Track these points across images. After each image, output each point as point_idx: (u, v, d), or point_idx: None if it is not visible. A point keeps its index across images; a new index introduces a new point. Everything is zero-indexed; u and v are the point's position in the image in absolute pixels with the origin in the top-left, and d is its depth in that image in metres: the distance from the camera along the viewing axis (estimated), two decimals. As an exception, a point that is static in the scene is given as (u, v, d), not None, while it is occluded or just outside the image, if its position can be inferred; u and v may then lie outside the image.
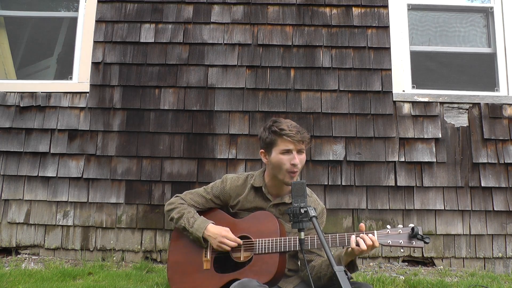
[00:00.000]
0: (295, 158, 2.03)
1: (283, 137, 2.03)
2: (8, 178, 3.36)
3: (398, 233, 1.87)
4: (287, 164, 2.03)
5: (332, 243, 1.92)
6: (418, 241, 1.84)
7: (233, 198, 2.23)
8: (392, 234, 1.87)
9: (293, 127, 2.05)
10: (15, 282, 2.64)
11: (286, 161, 2.03)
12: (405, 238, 1.86)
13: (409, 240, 1.85)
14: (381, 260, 3.31)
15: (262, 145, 2.16)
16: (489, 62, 3.65)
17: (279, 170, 2.07)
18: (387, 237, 1.88)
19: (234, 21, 3.54)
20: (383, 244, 1.87)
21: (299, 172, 2.09)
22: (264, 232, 2.03)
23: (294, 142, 2.02)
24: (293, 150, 2.04)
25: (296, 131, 2.03)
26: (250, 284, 1.76)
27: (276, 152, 2.06)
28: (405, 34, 3.57)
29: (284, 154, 2.05)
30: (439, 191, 3.36)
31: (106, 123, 3.41)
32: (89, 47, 3.50)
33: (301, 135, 2.04)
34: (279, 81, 3.46)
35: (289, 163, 2.03)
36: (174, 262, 2.21)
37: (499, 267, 3.32)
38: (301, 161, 2.06)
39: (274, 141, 2.06)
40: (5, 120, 3.40)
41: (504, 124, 3.44)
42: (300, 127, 2.09)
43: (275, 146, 2.06)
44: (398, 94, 3.46)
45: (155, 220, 3.32)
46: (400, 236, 1.87)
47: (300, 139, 2.03)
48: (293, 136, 2.02)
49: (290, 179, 2.05)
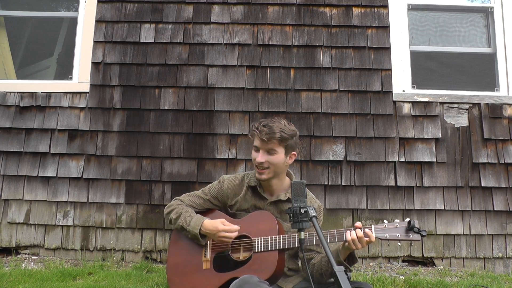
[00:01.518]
0: (258, 157, 2.10)
1: (253, 133, 2.12)
2: (8, 178, 3.36)
3: (395, 227, 1.90)
4: (254, 160, 2.13)
5: (330, 239, 1.94)
6: (415, 234, 1.87)
7: (231, 198, 2.25)
8: (389, 228, 1.91)
9: (263, 125, 2.08)
10: (15, 282, 2.64)
11: (254, 157, 2.13)
12: (402, 232, 1.89)
13: (406, 233, 1.88)
14: (381, 260, 3.31)
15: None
16: (489, 62, 3.65)
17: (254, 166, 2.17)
18: (384, 231, 1.90)
19: (234, 21, 3.54)
20: (380, 238, 1.89)
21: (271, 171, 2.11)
22: (263, 231, 2.04)
23: (259, 140, 2.09)
24: (260, 148, 2.10)
25: (261, 128, 2.07)
26: (251, 280, 1.77)
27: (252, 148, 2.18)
28: (405, 34, 3.57)
29: (254, 151, 2.15)
30: (439, 191, 3.36)
31: (106, 123, 3.41)
32: (89, 47, 3.51)
33: (268, 134, 2.05)
34: (279, 81, 3.46)
35: (255, 160, 2.12)
36: (173, 263, 2.22)
37: (499, 267, 3.32)
38: (269, 161, 2.09)
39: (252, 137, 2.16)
40: (5, 120, 3.40)
41: (504, 124, 3.44)
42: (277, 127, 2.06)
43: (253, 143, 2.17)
44: (398, 94, 3.46)
45: (155, 220, 3.32)
46: (397, 230, 1.89)
47: (264, 138, 2.05)
48: (254, 134, 2.10)
49: (259, 175, 2.13)
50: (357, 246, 1.87)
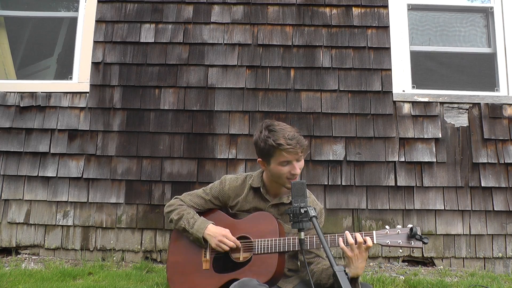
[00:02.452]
0: (295, 168, 2.01)
1: (282, 152, 1.96)
2: (8, 178, 3.36)
3: (397, 233, 1.87)
4: (287, 174, 2.02)
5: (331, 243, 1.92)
6: (416, 241, 1.84)
7: (232, 199, 2.24)
8: (390, 234, 1.88)
9: (290, 138, 1.96)
10: (15, 282, 2.64)
11: (286, 171, 2.01)
12: (404, 238, 1.86)
13: (408, 240, 1.85)
14: (381, 260, 3.31)
15: (258, 153, 2.10)
16: (489, 62, 3.65)
17: (278, 178, 2.06)
18: (385, 237, 1.88)
19: (234, 21, 3.54)
20: (382, 244, 1.87)
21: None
22: (263, 233, 2.03)
23: (296, 154, 1.98)
24: (292, 161, 2.00)
25: (295, 143, 1.95)
26: (250, 284, 1.76)
27: (275, 163, 2.02)
28: (405, 34, 3.57)
29: (284, 166, 2.01)
30: (439, 191, 3.36)
31: (106, 123, 3.41)
32: (89, 47, 3.50)
33: (300, 146, 1.97)
34: (279, 81, 3.46)
35: (289, 173, 2.01)
36: (173, 262, 2.21)
37: (499, 267, 3.32)
38: (300, 167, 2.05)
39: (272, 153, 2.00)
40: (5, 120, 3.40)
41: (504, 124, 3.44)
42: (297, 134, 2.00)
43: (273, 157, 2.01)
44: (398, 94, 3.46)
45: (155, 220, 3.32)
46: (399, 236, 1.87)
47: (299, 151, 1.98)
48: (292, 151, 1.96)
49: (290, 184, 1.99)
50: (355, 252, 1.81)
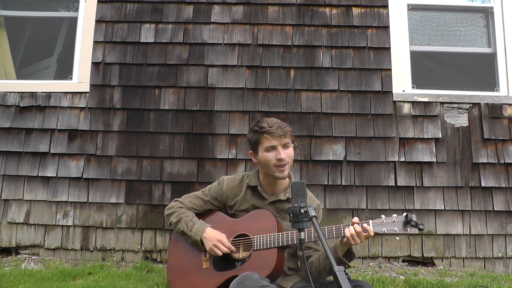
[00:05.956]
0: (280, 153, 2.07)
1: (264, 135, 2.08)
2: (8, 178, 3.36)
3: (393, 221, 1.91)
4: (273, 160, 2.08)
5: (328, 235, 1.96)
6: (412, 227, 1.88)
7: (231, 199, 2.26)
8: (386, 222, 1.91)
9: (273, 123, 2.09)
10: (15, 282, 2.64)
11: (272, 157, 2.08)
12: (400, 226, 1.89)
13: (404, 227, 1.89)
14: (381, 260, 3.31)
15: (250, 147, 2.22)
16: (489, 62, 3.65)
17: (267, 167, 2.11)
18: (382, 225, 1.91)
19: (234, 21, 3.55)
20: (378, 232, 1.91)
21: (289, 165, 2.13)
22: (262, 229, 2.06)
23: (276, 137, 2.07)
24: (277, 146, 2.08)
25: (276, 127, 2.07)
26: (252, 277, 1.78)
27: (262, 151, 2.12)
28: (405, 34, 3.57)
29: (270, 151, 2.09)
30: (439, 191, 3.36)
31: (106, 123, 3.41)
32: (89, 47, 3.51)
33: (282, 129, 2.08)
34: (279, 81, 3.46)
35: (275, 159, 2.08)
36: (174, 264, 2.22)
37: (499, 267, 3.32)
38: (288, 155, 2.10)
39: (258, 140, 2.12)
40: (5, 120, 3.40)
41: (504, 124, 3.44)
42: (282, 122, 2.12)
43: (260, 145, 2.12)
44: (398, 94, 3.46)
45: (155, 220, 3.32)
46: (394, 224, 1.90)
47: (281, 133, 2.07)
48: (274, 132, 2.07)
49: (280, 173, 2.10)
50: (356, 241, 1.89)
